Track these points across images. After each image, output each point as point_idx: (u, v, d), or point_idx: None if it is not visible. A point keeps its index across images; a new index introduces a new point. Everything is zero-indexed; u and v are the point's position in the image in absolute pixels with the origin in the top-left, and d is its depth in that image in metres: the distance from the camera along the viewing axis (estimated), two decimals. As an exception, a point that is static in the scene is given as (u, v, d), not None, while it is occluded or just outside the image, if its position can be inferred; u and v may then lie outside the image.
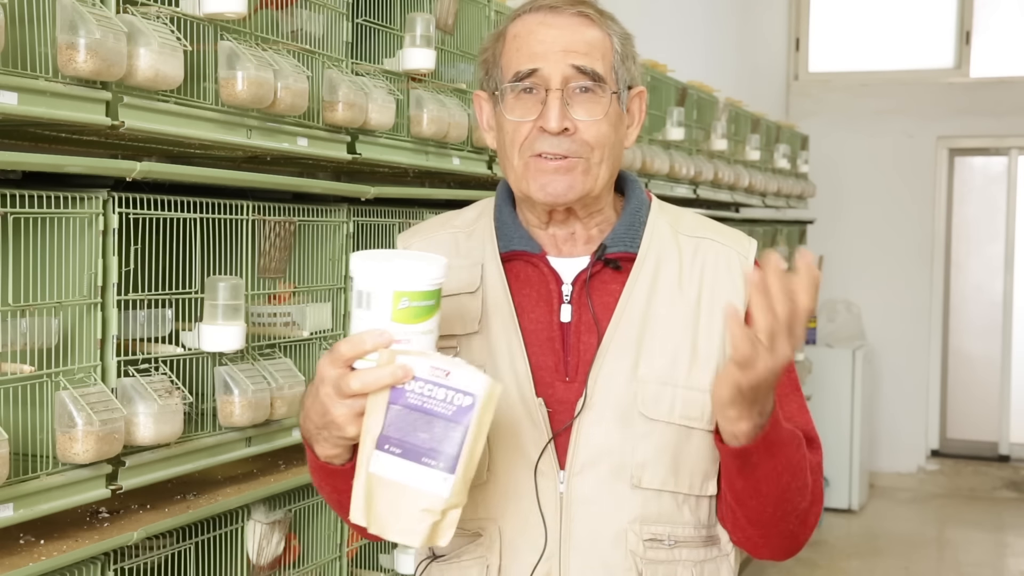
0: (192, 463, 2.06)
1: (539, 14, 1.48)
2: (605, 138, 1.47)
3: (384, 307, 1.27)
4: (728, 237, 1.56)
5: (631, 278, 1.50)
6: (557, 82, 1.45)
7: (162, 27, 1.88)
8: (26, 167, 1.73)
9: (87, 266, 1.84)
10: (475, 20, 3.06)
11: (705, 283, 1.51)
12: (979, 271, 8.05)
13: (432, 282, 1.29)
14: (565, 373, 1.48)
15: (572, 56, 1.45)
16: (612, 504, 1.45)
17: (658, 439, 1.45)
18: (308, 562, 2.42)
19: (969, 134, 7.98)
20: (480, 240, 1.57)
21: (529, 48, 1.47)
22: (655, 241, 1.53)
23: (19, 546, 1.78)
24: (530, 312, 1.51)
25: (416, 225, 1.67)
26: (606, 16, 1.50)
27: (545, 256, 1.53)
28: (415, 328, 1.28)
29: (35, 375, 1.77)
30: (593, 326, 1.49)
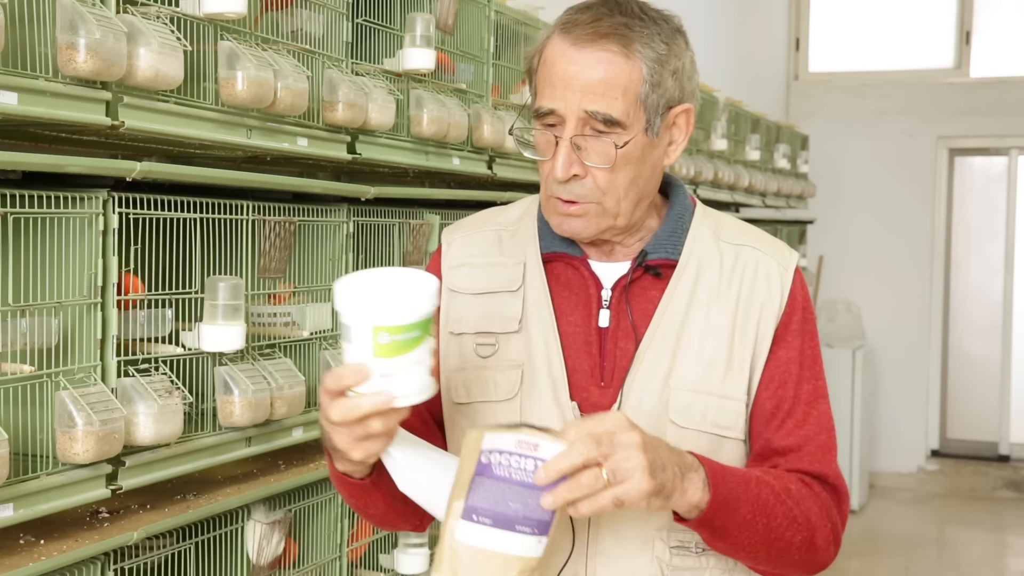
0: (192, 463, 2.05)
1: (564, 44, 1.42)
2: (619, 182, 1.43)
3: (365, 342, 1.24)
4: (769, 246, 1.55)
5: (671, 285, 1.49)
6: (571, 127, 1.41)
7: (162, 27, 1.88)
8: (26, 167, 1.73)
9: (87, 266, 1.84)
10: (475, 20, 3.06)
11: (743, 291, 1.50)
12: (979, 271, 8.05)
13: (413, 315, 1.25)
14: (600, 378, 1.47)
15: (588, 99, 1.40)
16: (642, 513, 1.42)
17: (690, 447, 1.41)
18: (308, 562, 2.42)
19: (969, 134, 7.98)
20: (523, 239, 1.55)
21: (551, 81, 1.43)
22: (696, 248, 1.51)
23: (19, 546, 1.78)
24: (569, 315, 1.50)
25: (460, 220, 1.66)
26: (637, 40, 1.41)
27: (586, 259, 1.52)
28: (399, 361, 1.24)
29: (35, 375, 1.77)
30: (631, 332, 1.47)
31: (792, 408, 1.49)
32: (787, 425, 1.49)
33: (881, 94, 7.99)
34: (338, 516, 2.48)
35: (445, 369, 1.52)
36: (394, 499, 1.43)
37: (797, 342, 1.51)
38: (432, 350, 1.27)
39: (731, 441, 1.46)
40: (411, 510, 1.45)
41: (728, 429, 1.46)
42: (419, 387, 1.27)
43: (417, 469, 1.34)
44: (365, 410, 1.26)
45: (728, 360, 1.47)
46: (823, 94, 8.14)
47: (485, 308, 1.52)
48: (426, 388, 1.28)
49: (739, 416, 1.46)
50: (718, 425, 1.45)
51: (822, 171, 7.67)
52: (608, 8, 1.43)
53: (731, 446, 1.47)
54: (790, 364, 1.50)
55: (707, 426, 1.45)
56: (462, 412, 1.52)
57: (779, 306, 1.50)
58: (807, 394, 1.51)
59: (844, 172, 7.98)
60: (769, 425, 1.49)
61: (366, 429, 1.28)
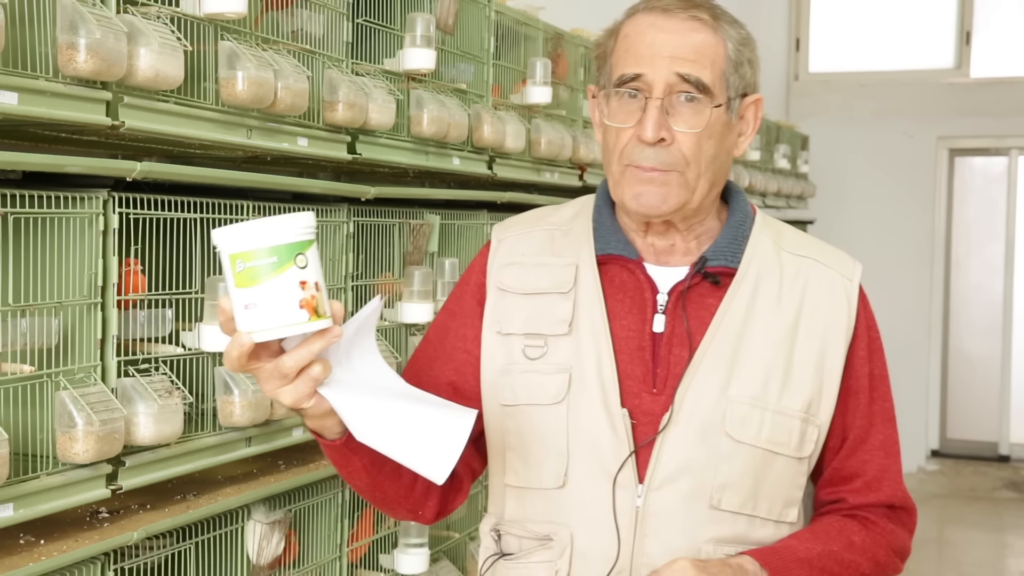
0: (192, 463, 2.05)
1: (651, 15, 1.42)
2: (704, 152, 1.41)
3: (228, 274, 1.21)
4: (832, 258, 1.52)
5: (729, 294, 1.46)
6: (660, 89, 1.39)
7: (162, 27, 1.88)
8: (26, 167, 1.73)
9: (87, 266, 1.84)
10: (475, 20, 3.06)
11: (805, 304, 1.47)
12: (979, 271, 8.05)
13: (266, 239, 1.20)
14: (653, 384, 1.45)
15: (678, 63, 1.39)
16: (688, 522, 1.42)
17: (742, 462, 1.42)
18: (308, 562, 2.42)
19: (969, 134, 7.98)
20: (576, 240, 1.52)
21: (636, 51, 1.41)
22: (756, 257, 1.49)
23: (19, 546, 1.78)
24: (622, 319, 1.47)
25: (510, 218, 1.62)
26: (723, 19, 1.43)
27: (642, 263, 1.49)
28: (258, 290, 1.20)
29: (35, 375, 1.77)
30: (686, 339, 1.45)
31: (862, 435, 1.50)
32: (858, 453, 1.50)
33: (881, 94, 7.99)
34: (338, 516, 2.49)
35: (491, 370, 1.50)
36: (377, 468, 1.41)
37: (866, 366, 1.50)
38: (302, 282, 1.21)
39: (783, 459, 1.44)
40: (403, 483, 1.45)
41: (782, 446, 1.44)
42: (283, 320, 1.21)
43: (363, 410, 1.29)
44: (233, 355, 1.21)
45: (786, 375, 1.44)
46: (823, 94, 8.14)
47: (534, 309, 1.49)
48: (296, 322, 1.21)
49: (793, 433, 1.44)
50: (772, 441, 1.43)
51: (822, 171, 7.67)
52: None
53: (782, 463, 1.45)
54: (860, 391, 1.50)
55: (761, 441, 1.43)
56: (508, 414, 1.49)
57: (847, 324, 1.48)
58: (877, 418, 1.51)
59: (844, 172, 7.98)
60: (839, 451, 1.50)
61: (259, 371, 1.24)
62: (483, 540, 1.56)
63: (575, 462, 1.44)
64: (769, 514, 1.45)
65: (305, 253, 1.21)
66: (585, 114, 3.81)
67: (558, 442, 1.45)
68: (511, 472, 1.50)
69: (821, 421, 1.46)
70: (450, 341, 1.55)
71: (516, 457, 1.49)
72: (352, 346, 1.32)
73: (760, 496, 1.44)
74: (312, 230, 1.23)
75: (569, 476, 1.44)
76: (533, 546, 1.47)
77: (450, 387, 1.52)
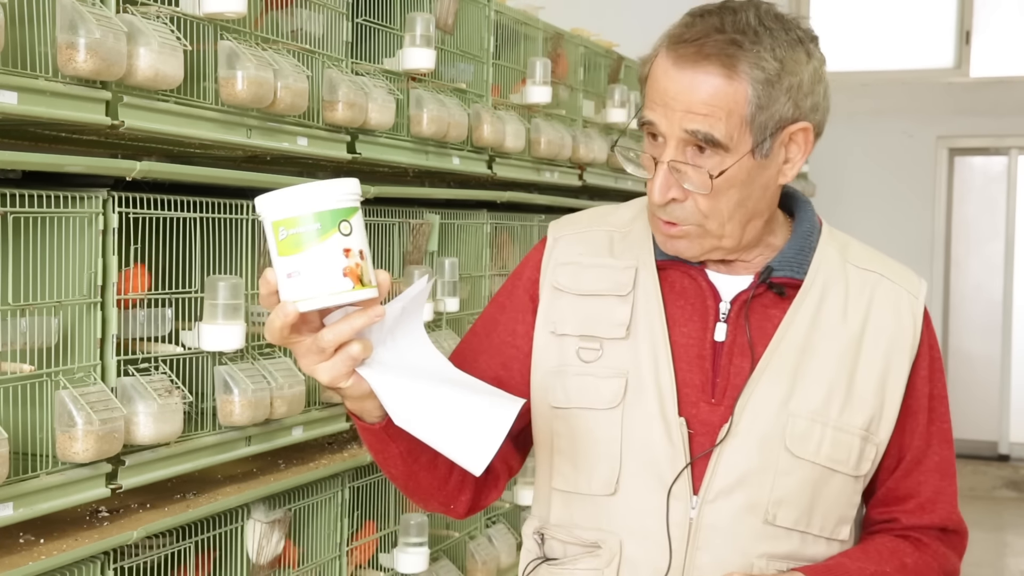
0: (192, 462, 2.06)
1: (668, 59, 1.36)
2: (724, 203, 1.36)
3: (272, 243, 1.18)
4: (898, 274, 1.49)
5: (794, 306, 1.43)
6: (671, 149, 1.35)
7: (162, 27, 1.88)
8: (26, 166, 1.73)
9: (87, 265, 1.84)
10: (475, 20, 3.06)
11: (870, 320, 1.44)
12: (979, 270, 8.05)
13: (308, 205, 1.16)
14: (712, 394, 1.41)
15: (689, 119, 1.33)
16: (742, 536, 1.39)
17: (799, 477, 1.39)
18: (308, 561, 2.42)
19: (969, 134, 7.98)
20: (636, 243, 1.48)
21: (651, 97, 1.37)
22: (823, 269, 1.45)
23: (19, 545, 1.78)
24: (682, 326, 1.43)
25: (567, 216, 1.58)
26: (744, 59, 1.33)
27: (704, 269, 1.45)
28: (302, 258, 1.16)
29: (35, 374, 1.77)
30: (747, 349, 1.41)
31: (918, 455, 1.47)
32: (913, 474, 1.47)
33: (881, 94, 7.98)
34: (338, 515, 2.49)
35: (543, 370, 1.47)
36: (413, 458, 1.37)
37: (927, 387, 1.47)
38: (346, 250, 1.17)
39: (840, 476, 1.41)
40: (439, 475, 1.41)
41: (840, 463, 1.40)
42: (328, 288, 1.17)
43: (403, 393, 1.25)
44: (276, 324, 1.18)
45: (848, 391, 1.41)
46: (823, 94, 8.13)
47: (591, 310, 1.45)
48: (341, 290, 1.17)
49: (852, 450, 1.41)
50: (831, 458, 1.40)
51: (822, 170, 7.67)
52: (720, 20, 1.34)
53: (839, 481, 1.41)
54: (919, 411, 1.46)
55: (820, 458, 1.39)
56: (559, 417, 1.46)
57: (912, 344, 1.45)
58: (934, 439, 1.48)
59: (844, 171, 7.98)
60: (895, 471, 1.47)
61: (299, 345, 1.21)
62: (525, 543, 1.53)
63: (628, 470, 1.41)
64: (822, 531, 1.42)
65: (350, 220, 1.18)
66: (585, 113, 3.81)
67: (611, 448, 1.42)
68: (559, 475, 1.46)
69: (880, 440, 1.43)
70: (499, 335, 1.52)
71: (565, 461, 1.46)
72: (397, 326, 1.27)
73: (815, 513, 1.41)
74: (357, 196, 1.20)
75: (621, 484, 1.41)
76: (579, 552, 1.44)
77: (495, 381, 1.45)
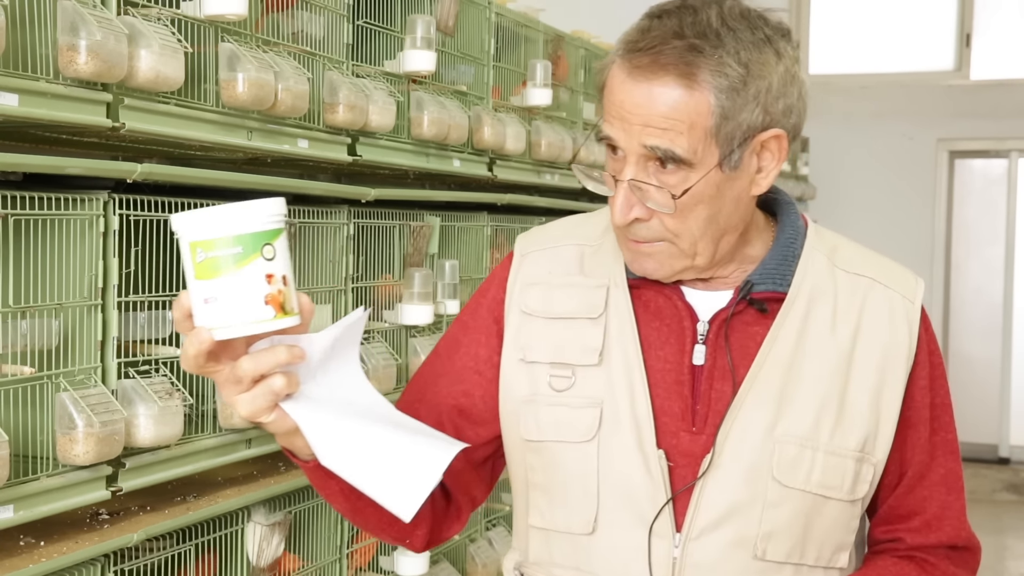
0: (192, 465, 2.05)
1: (624, 69, 1.24)
2: (693, 220, 1.25)
3: (188, 264, 1.10)
4: (891, 277, 1.36)
5: (777, 322, 1.30)
6: (630, 168, 1.24)
7: (163, 29, 1.88)
8: (27, 168, 1.73)
9: (87, 268, 1.84)
10: (475, 22, 3.06)
11: (862, 329, 1.31)
12: (979, 273, 8.05)
13: (229, 227, 1.08)
14: (692, 423, 1.29)
15: (648, 134, 1.22)
16: (730, 574, 1.28)
17: (790, 508, 1.27)
18: (309, 563, 2.42)
19: (969, 136, 7.98)
20: (607, 259, 1.36)
21: (608, 110, 1.26)
22: (808, 278, 1.32)
23: (19, 547, 1.78)
24: (658, 349, 1.31)
25: (536, 229, 1.45)
26: (704, 67, 1.21)
27: (679, 287, 1.33)
28: (220, 283, 1.09)
29: (35, 376, 1.77)
30: (728, 372, 1.29)
31: (922, 470, 1.35)
32: (917, 490, 1.36)
33: (881, 96, 7.98)
34: (338, 518, 2.48)
35: (512, 400, 1.35)
36: (356, 495, 1.23)
37: (927, 396, 1.35)
38: (268, 275, 1.09)
39: (834, 503, 1.29)
40: (384, 510, 1.24)
41: (833, 489, 1.28)
42: (246, 316, 1.09)
43: (330, 431, 1.15)
44: (190, 352, 1.11)
45: (839, 410, 1.29)
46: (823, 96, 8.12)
47: (561, 335, 1.33)
48: (261, 319, 1.09)
49: (847, 474, 1.29)
50: (823, 485, 1.28)
51: (822, 173, 7.67)
52: (679, 22, 1.22)
53: (834, 508, 1.29)
54: (920, 423, 1.34)
55: (812, 486, 1.27)
56: (533, 450, 1.34)
57: (908, 352, 1.32)
58: (938, 451, 1.36)
59: (844, 174, 7.98)
60: (896, 488, 1.36)
61: (218, 375, 1.13)
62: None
63: (606, 507, 1.30)
64: (818, 561, 1.30)
65: (273, 243, 1.09)
66: (585, 116, 3.81)
67: (587, 484, 1.30)
68: (535, 512, 1.36)
69: (877, 459, 1.31)
70: (460, 358, 1.41)
71: (540, 496, 1.35)
72: (330, 359, 1.18)
73: (809, 543, 1.29)
74: (282, 218, 1.11)
75: (599, 522, 1.30)
76: None
77: (455, 409, 1.38)
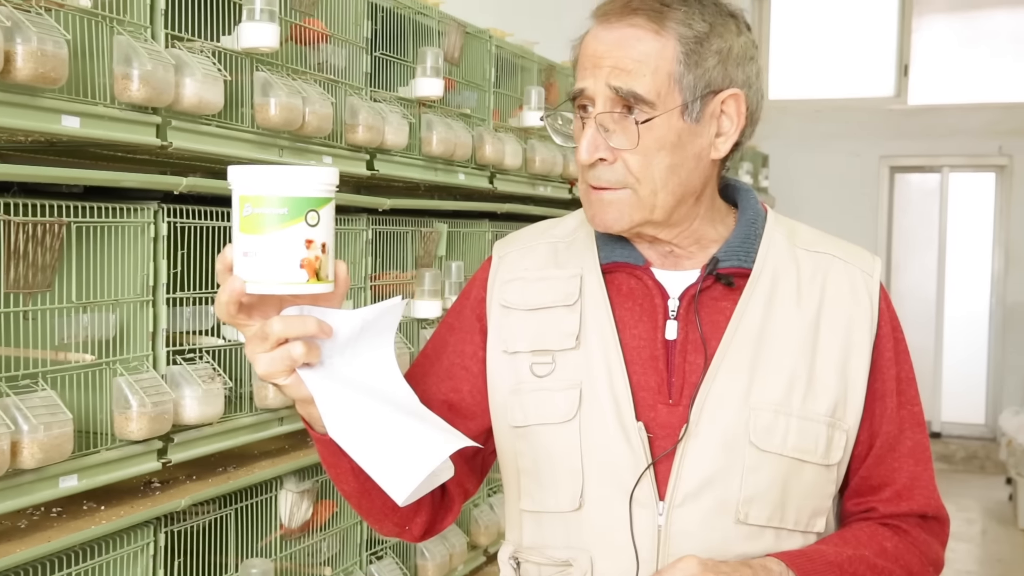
0: (232, 440, 2.05)
1: (596, 27, 1.18)
2: (656, 166, 1.16)
3: (236, 215, 1.00)
4: (850, 253, 1.28)
5: (745, 295, 1.21)
6: (600, 106, 1.16)
7: (205, 60, 1.88)
8: (87, 182, 1.73)
9: (140, 268, 1.84)
10: (478, 53, 3.06)
11: (825, 302, 1.22)
12: (916, 273, 8.07)
13: (278, 188, 0.99)
14: (668, 395, 1.20)
15: (613, 75, 1.14)
16: (714, 539, 1.17)
17: (768, 472, 1.17)
18: (333, 526, 2.42)
19: (907, 154, 7.99)
20: (580, 250, 1.28)
21: (581, 65, 1.19)
22: (771, 256, 1.24)
23: (83, 511, 1.78)
24: (632, 328, 1.22)
25: (512, 234, 1.36)
26: (671, 17, 1.15)
27: (649, 268, 1.24)
28: (262, 239, 0.99)
29: (95, 363, 1.77)
30: (700, 345, 1.20)
31: (890, 441, 1.25)
32: (887, 461, 1.26)
33: (831, 119, 7.99)
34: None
35: (500, 391, 1.26)
36: (366, 475, 1.11)
37: (893, 368, 1.25)
38: (308, 240, 1.00)
39: (811, 467, 1.20)
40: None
41: (808, 453, 1.19)
42: (280, 276, 1.00)
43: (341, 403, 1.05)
44: (222, 299, 1.01)
45: (809, 378, 1.20)
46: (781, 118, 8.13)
47: (540, 324, 1.24)
48: (293, 281, 1.00)
49: (820, 439, 1.19)
50: (799, 448, 1.18)
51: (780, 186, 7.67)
52: None
53: (811, 472, 1.20)
54: (887, 395, 1.25)
55: (788, 450, 1.18)
56: (520, 436, 1.24)
57: (871, 322, 1.23)
58: (906, 423, 1.26)
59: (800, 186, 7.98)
60: (866, 459, 1.26)
61: (247, 328, 1.03)
62: (503, 569, 1.32)
63: (590, 482, 1.20)
64: (796, 525, 1.21)
65: (319, 211, 1.00)
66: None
67: (571, 462, 1.21)
68: (526, 496, 1.26)
69: (848, 426, 1.21)
70: (447, 357, 1.31)
71: (530, 480, 1.25)
72: (361, 339, 1.08)
73: (788, 507, 1.19)
74: (332, 188, 1.02)
75: (585, 497, 1.20)
76: (553, 573, 1.23)
77: (445, 405, 1.27)
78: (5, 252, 1.61)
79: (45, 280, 1.68)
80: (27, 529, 1.67)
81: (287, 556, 2.25)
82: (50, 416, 1.58)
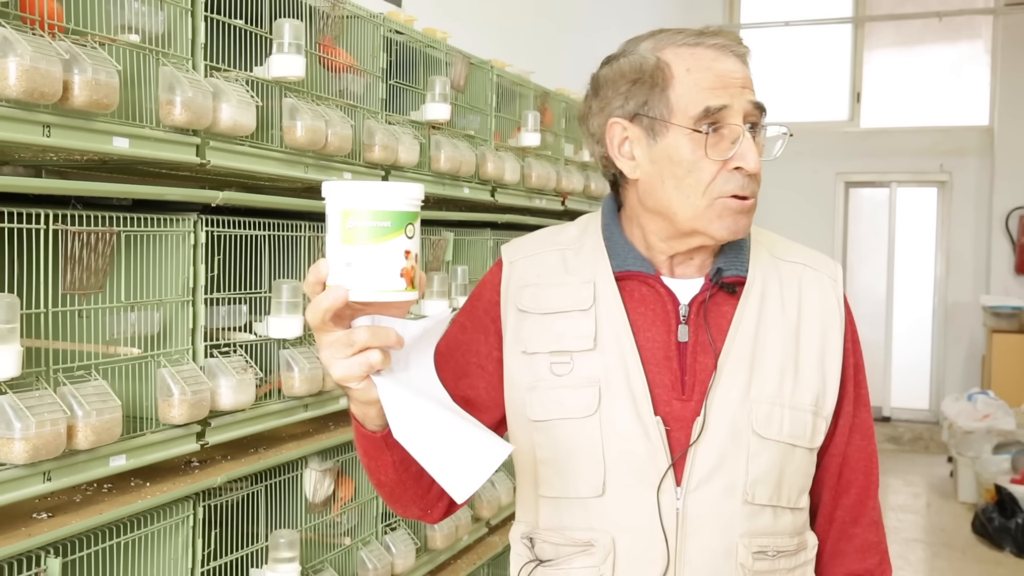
0: (262, 424, 2.05)
1: (710, 51, 1.16)
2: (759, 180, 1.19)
3: (335, 228, 0.96)
4: (817, 261, 1.30)
5: (742, 302, 1.23)
6: (744, 120, 1.16)
7: (239, 87, 1.88)
8: (135, 195, 1.73)
9: (181, 272, 1.84)
10: (481, 82, 3.06)
11: (803, 306, 1.25)
12: (868, 275, 8.08)
13: (380, 202, 0.95)
14: (682, 391, 1.20)
15: (749, 93, 1.16)
16: (725, 519, 1.18)
17: (768, 457, 1.19)
18: (353, 500, 2.42)
19: (860, 171, 8.00)
20: (590, 258, 1.25)
21: (711, 84, 1.15)
22: (759, 265, 1.26)
23: (131, 487, 1.78)
24: (646, 331, 1.21)
25: (519, 239, 1.32)
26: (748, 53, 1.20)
27: (660, 277, 1.23)
28: (363, 250, 0.95)
29: (142, 356, 1.77)
30: (709, 347, 1.20)
31: (854, 422, 1.29)
32: (854, 439, 1.29)
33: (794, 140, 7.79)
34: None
35: (517, 388, 1.23)
36: (404, 467, 1.14)
37: (851, 357, 1.29)
38: (407, 251, 0.96)
39: (800, 450, 1.22)
40: (423, 484, 1.20)
41: (799, 439, 1.21)
42: (383, 284, 0.95)
43: (407, 408, 1.01)
44: (323, 305, 0.96)
45: (795, 373, 1.22)
46: (748, 139, 8.14)
47: (557, 327, 1.22)
48: (395, 288, 0.96)
49: (807, 426, 1.21)
50: (792, 435, 1.20)
51: (747, 199, 7.68)
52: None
53: (800, 455, 1.22)
54: (847, 379, 1.28)
55: (784, 436, 1.20)
56: (539, 429, 1.22)
57: (840, 322, 1.26)
58: (860, 401, 1.30)
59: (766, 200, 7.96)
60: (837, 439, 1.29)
61: (328, 334, 0.98)
62: (514, 547, 1.29)
63: (613, 471, 1.18)
64: (788, 502, 1.23)
65: (414, 223, 0.97)
66: (566, 154, 3.80)
67: (593, 453, 1.19)
68: (545, 483, 1.23)
69: (827, 413, 1.24)
70: (461, 355, 1.27)
71: (549, 469, 1.22)
72: (412, 350, 1.05)
73: (783, 487, 1.22)
74: (420, 203, 0.99)
75: (608, 484, 1.19)
76: (572, 552, 1.21)
77: (462, 400, 1.22)
78: (63, 258, 1.61)
79: (98, 282, 1.68)
80: (82, 503, 1.67)
81: (311, 528, 2.25)
82: (101, 403, 1.58)
